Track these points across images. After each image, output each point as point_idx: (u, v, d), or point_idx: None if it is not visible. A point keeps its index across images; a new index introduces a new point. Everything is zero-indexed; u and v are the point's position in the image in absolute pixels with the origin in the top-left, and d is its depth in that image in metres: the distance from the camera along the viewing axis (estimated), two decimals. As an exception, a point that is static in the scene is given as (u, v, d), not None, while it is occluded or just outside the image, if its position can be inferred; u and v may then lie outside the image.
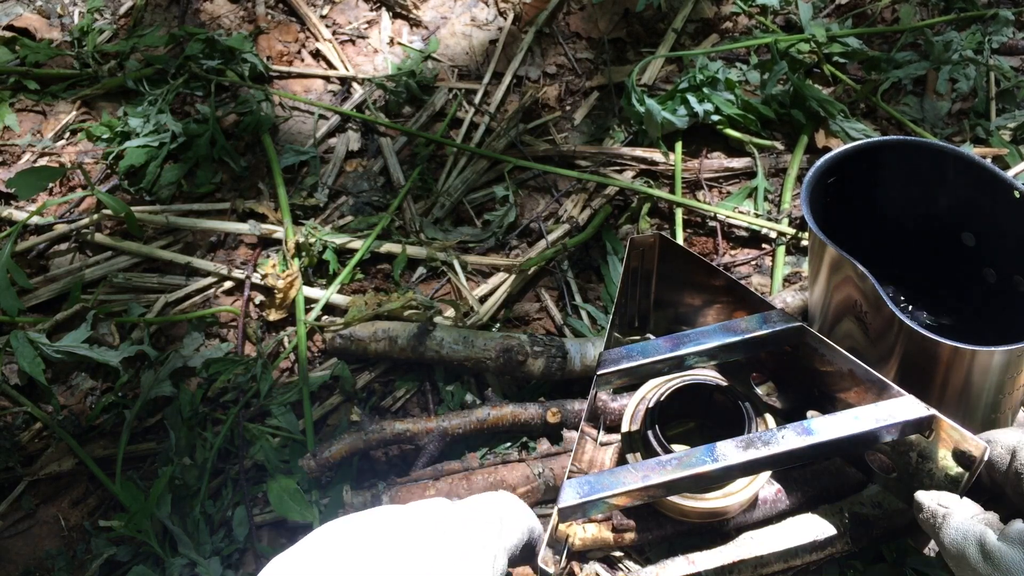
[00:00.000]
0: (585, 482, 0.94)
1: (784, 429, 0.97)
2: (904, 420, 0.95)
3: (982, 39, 1.62)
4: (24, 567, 1.18)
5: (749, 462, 0.96)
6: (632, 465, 0.96)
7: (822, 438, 0.95)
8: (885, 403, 0.97)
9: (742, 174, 1.52)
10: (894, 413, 0.95)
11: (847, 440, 0.96)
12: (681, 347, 1.04)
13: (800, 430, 0.96)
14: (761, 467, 0.98)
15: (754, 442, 0.96)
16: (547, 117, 1.62)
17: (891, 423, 0.95)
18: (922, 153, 1.14)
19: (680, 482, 0.95)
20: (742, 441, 0.96)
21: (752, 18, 1.72)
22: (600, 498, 0.94)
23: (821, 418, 0.97)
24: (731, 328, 1.06)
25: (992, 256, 1.16)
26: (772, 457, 0.96)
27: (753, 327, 1.05)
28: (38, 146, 1.63)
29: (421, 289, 1.40)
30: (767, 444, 0.96)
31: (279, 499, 1.16)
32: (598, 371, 1.04)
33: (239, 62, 1.67)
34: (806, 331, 1.04)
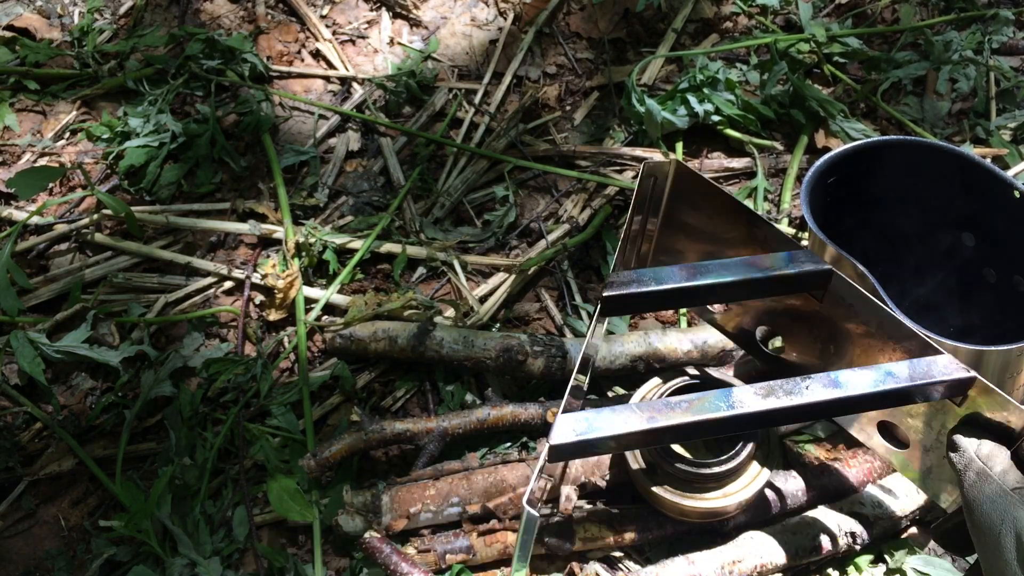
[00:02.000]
0: (583, 418, 0.86)
1: (810, 379, 0.89)
2: (941, 379, 0.87)
3: (982, 39, 1.62)
4: (24, 567, 1.18)
5: (768, 412, 0.87)
6: (636, 404, 0.88)
7: (850, 392, 0.88)
8: (921, 360, 0.89)
9: (742, 174, 1.52)
10: (931, 371, 0.88)
11: (876, 396, 0.88)
12: (698, 277, 0.95)
13: (827, 381, 0.88)
14: (781, 419, 0.90)
15: (775, 390, 0.88)
16: (547, 117, 1.62)
17: (927, 382, 0.87)
18: (922, 153, 1.14)
19: (689, 427, 0.87)
20: (762, 388, 0.88)
21: (752, 18, 1.72)
22: (598, 438, 0.86)
23: (851, 371, 0.89)
24: (754, 264, 0.96)
25: (992, 256, 1.16)
26: (794, 408, 0.88)
27: (779, 264, 0.96)
28: (38, 146, 1.63)
29: (421, 289, 1.40)
30: (789, 394, 0.88)
31: (279, 499, 1.16)
32: (604, 292, 0.94)
33: (239, 62, 1.67)
34: (836, 275, 0.96)
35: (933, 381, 0.88)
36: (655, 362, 1.23)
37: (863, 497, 1.10)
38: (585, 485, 1.13)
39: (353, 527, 1.10)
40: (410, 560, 1.08)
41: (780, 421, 0.94)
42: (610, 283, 0.95)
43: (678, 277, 0.96)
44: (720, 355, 1.23)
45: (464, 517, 1.12)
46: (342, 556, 1.15)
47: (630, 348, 1.23)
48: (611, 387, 1.26)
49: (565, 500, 1.11)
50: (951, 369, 0.88)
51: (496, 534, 1.10)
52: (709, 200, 1.02)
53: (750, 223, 1.00)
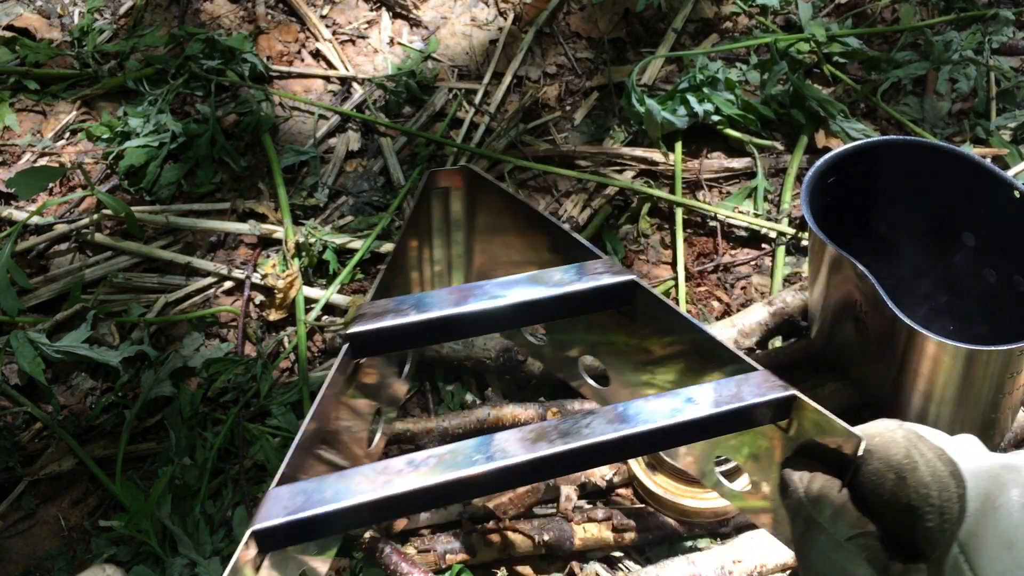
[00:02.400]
0: (300, 491, 0.65)
1: (592, 415, 0.70)
2: (753, 402, 0.71)
3: (982, 39, 1.62)
4: (24, 567, 1.18)
5: (540, 460, 0.67)
6: (372, 465, 0.67)
7: (641, 427, 0.69)
8: (728, 380, 0.73)
9: (742, 174, 1.52)
10: (741, 393, 0.71)
11: (675, 429, 0.70)
12: (471, 301, 0.76)
13: (613, 416, 0.69)
14: (561, 467, 0.70)
15: (548, 433, 0.68)
16: (547, 117, 1.62)
17: (736, 406, 0.70)
18: (922, 153, 1.14)
19: (437, 491, 0.65)
20: (532, 431, 0.68)
21: (752, 18, 1.73)
22: (318, 516, 0.63)
23: (643, 400, 0.71)
24: (540, 279, 0.78)
25: (992, 256, 1.16)
26: (574, 453, 0.68)
27: (569, 279, 0.78)
28: (38, 146, 1.63)
29: (421, 289, 1.40)
30: (566, 436, 0.68)
31: (279, 499, 1.15)
32: (350, 329, 0.74)
33: (239, 62, 1.67)
34: (638, 286, 0.80)
35: (743, 405, 0.71)
36: (655, 362, 1.23)
37: (863, 497, 1.10)
38: (585, 485, 1.14)
39: (353, 527, 1.10)
40: (410, 560, 1.08)
41: (560, 470, 0.74)
42: (360, 316, 0.75)
43: (447, 302, 0.76)
44: (720, 355, 1.23)
45: (464, 517, 1.12)
46: (342, 556, 1.15)
47: (630, 348, 1.23)
48: (611, 387, 1.26)
49: (565, 500, 1.11)
50: (764, 388, 0.72)
51: (496, 534, 1.10)
52: (508, 210, 0.87)
53: (548, 233, 0.85)
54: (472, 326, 0.78)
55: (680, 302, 1.35)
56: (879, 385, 1.12)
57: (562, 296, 0.78)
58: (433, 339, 0.81)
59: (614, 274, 0.79)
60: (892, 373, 1.07)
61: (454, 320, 0.76)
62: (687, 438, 0.74)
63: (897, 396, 1.09)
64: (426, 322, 0.75)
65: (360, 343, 0.74)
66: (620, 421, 0.69)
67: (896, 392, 1.09)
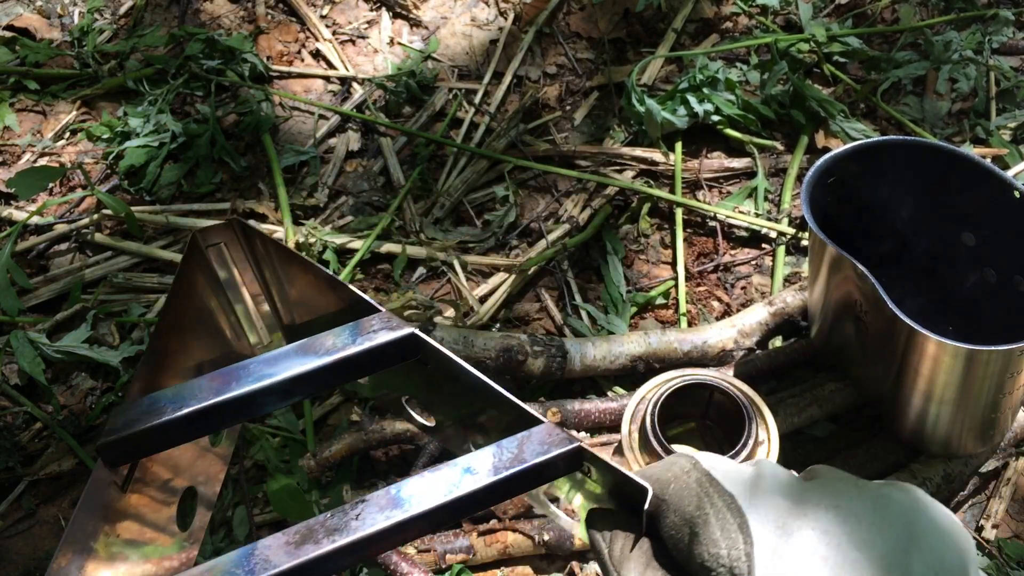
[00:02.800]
0: None
1: (362, 504, 0.66)
2: (534, 463, 0.67)
3: (982, 39, 1.62)
4: (24, 567, 1.18)
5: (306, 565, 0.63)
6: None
7: (416, 510, 0.65)
8: (509, 440, 0.69)
9: (742, 174, 1.52)
10: (523, 454, 0.67)
11: (456, 505, 0.66)
12: (233, 386, 0.72)
13: (385, 502, 0.65)
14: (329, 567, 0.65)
15: (315, 532, 0.64)
16: (547, 117, 1.62)
17: (516, 470, 0.66)
18: (922, 153, 1.14)
19: None
20: (298, 534, 0.64)
21: (752, 18, 1.73)
22: None
23: (417, 478, 0.67)
24: (311, 348, 0.74)
25: (992, 256, 1.16)
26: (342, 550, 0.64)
27: (343, 343, 0.74)
28: (38, 146, 1.63)
29: (421, 289, 1.40)
30: (334, 533, 0.64)
31: (279, 499, 1.16)
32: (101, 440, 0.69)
33: (239, 62, 1.67)
34: (420, 340, 0.74)
35: (525, 467, 0.66)
36: (655, 362, 1.23)
37: (863, 497, 1.10)
38: (585, 485, 1.13)
39: (353, 527, 1.10)
40: (410, 560, 1.08)
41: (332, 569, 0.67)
42: (110, 428, 0.70)
43: (207, 391, 0.72)
44: (720, 355, 1.23)
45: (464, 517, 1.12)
46: (342, 556, 1.15)
47: (630, 348, 1.23)
48: (611, 387, 1.26)
49: (565, 500, 1.11)
50: (547, 445, 0.67)
51: (496, 534, 1.10)
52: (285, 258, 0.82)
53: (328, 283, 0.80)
54: (239, 411, 0.73)
55: (680, 302, 1.35)
56: (879, 385, 1.12)
57: (337, 362, 0.72)
58: (197, 433, 0.75)
59: (391, 330, 0.73)
60: (892, 373, 1.07)
61: (218, 408, 0.71)
62: (468, 510, 0.69)
63: (897, 396, 1.09)
64: (185, 417, 0.70)
65: (114, 453, 0.70)
66: (393, 506, 0.65)
67: (896, 392, 1.09)
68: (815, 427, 1.21)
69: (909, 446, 1.14)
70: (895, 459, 1.14)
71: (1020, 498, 1.16)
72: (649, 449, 1.08)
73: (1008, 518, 1.15)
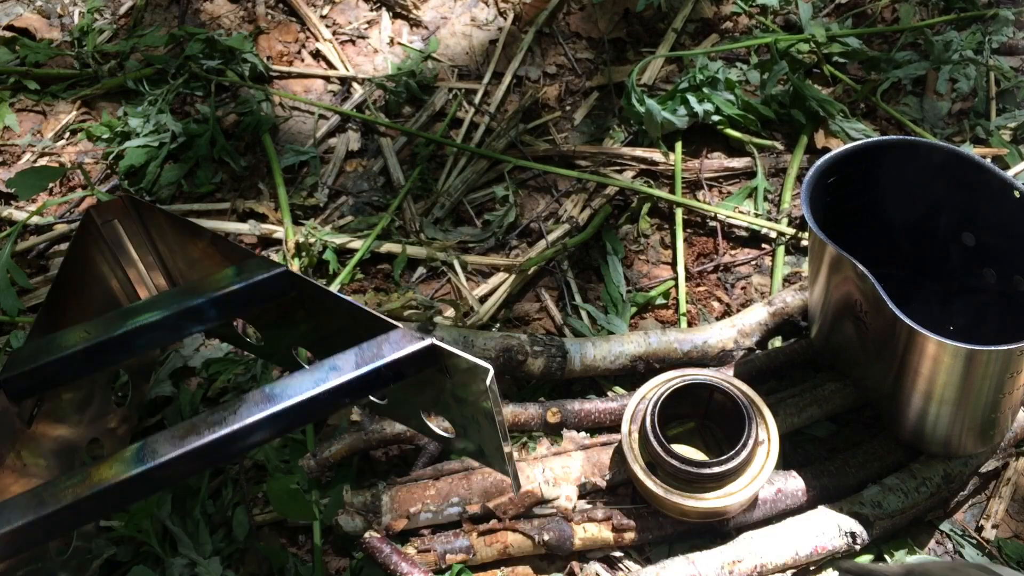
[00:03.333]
0: None
1: (240, 401, 0.77)
2: (392, 358, 0.80)
3: (982, 39, 1.62)
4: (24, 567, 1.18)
5: (192, 452, 0.73)
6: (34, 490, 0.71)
7: (288, 401, 0.77)
8: (370, 343, 0.81)
9: (742, 174, 1.52)
10: (382, 351, 0.80)
11: (325, 396, 0.78)
12: (121, 325, 0.81)
13: (260, 397, 0.77)
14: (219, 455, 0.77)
15: (198, 426, 0.74)
16: (547, 117, 1.62)
17: (376, 365, 0.79)
18: (922, 153, 1.14)
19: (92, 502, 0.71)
20: (182, 427, 0.75)
21: (752, 18, 1.73)
22: None
23: (288, 377, 0.79)
24: (194, 291, 0.85)
25: (992, 256, 1.16)
26: (227, 439, 0.74)
27: (226, 282, 0.86)
28: (38, 146, 1.63)
29: (421, 289, 1.40)
30: (215, 426, 0.74)
31: (279, 499, 1.15)
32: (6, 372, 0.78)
33: (239, 62, 1.67)
34: (293, 276, 0.89)
35: (384, 362, 0.80)
36: (655, 362, 1.23)
37: (863, 497, 1.10)
38: (585, 485, 1.14)
39: (353, 527, 1.10)
40: (410, 560, 1.08)
41: (216, 458, 0.78)
42: (10, 362, 0.78)
43: (101, 328, 0.81)
44: (720, 355, 1.23)
45: (464, 517, 1.12)
46: (342, 556, 1.15)
47: (630, 348, 1.23)
48: (611, 387, 1.26)
49: (565, 500, 1.11)
50: (403, 343, 0.80)
51: (496, 534, 1.10)
52: (175, 226, 0.93)
53: (211, 242, 0.91)
54: (132, 345, 0.81)
55: (680, 302, 1.35)
56: (879, 385, 1.12)
57: (218, 298, 0.85)
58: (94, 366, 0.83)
59: (268, 269, 0.86)
60: (892, 373, 1.07)
61: (112, 343, 0.80)
62: (336, 403, 0.81)
63: (897, 396, 1.09)
64: (83, 351, 0.79)
65: (15, 387, 0.78)
66: (266, 401, 0.75)
67: (896, 392, 1.09)
68: (815, 427, 1.21)
69: (909, 446, 1.14)
70: (895, 459, 1.15)
71: (1020, 498, 1.16)
72: (649, 449, 1.08)
73: (1008, 518, 1.15)
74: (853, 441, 1.20)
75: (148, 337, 0.83)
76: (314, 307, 0.89)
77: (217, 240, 0.91)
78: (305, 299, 0.89)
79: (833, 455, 1.17)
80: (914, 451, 1.14)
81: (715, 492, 1.06)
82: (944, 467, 1.12)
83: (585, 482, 1.13)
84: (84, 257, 0.92)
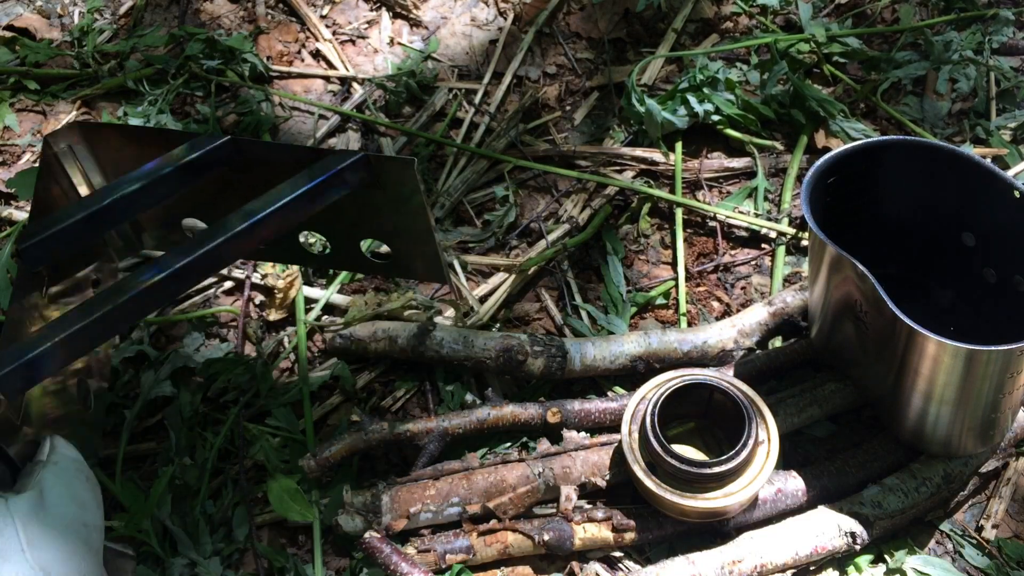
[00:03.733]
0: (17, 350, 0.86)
1: (228, 218, 0.96)
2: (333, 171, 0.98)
3: (982, 39, 1.62)
4: (24, 567, 1.18)
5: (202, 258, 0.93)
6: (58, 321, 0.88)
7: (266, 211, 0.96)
8: (315, 166, 1.00)
9: (742, 174, 1.52)
10: (325, 167, 0.99)
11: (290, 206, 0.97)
12: (108, 196, 0.99)
13: (241, 214, 0.96)
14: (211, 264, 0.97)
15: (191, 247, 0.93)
16: (547, 117, 1.62)
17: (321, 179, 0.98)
18: (922, 153, 1.14)
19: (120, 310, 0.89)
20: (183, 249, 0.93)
21: (752, 18, 1.73)
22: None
23: (256, 200, 0.98)
24: (161, 164, 1.02)
25: (992, 256, 1.16)
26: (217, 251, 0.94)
27: (181, 155, 1.03)
28: (38, 146, 1.63)
29: (421, 289, 1.40)
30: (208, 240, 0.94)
31: (279, 499, 1.16)
32: (21, 245, 0.96)
33: (239, 62, 1.67)
34: (238, 141, 1.05)
35: (327, 175, 0.99)
36: (655, 362, 1.23)
37: (863, 497, 1.10)
38: (585, 485, 1.14)
39: (353, 527, 1.10)
40: (410, 560, 1.08)
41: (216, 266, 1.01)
42: (27, 234, 0.95)
43: (91, 201, 0.99)
44: (720, 355, 1.23)
45: (464, 517, 1.12)
46: (342, 556, 1.15)
47: (630, 348, 1.23)
48: (611, 387, 1.26)
49: (565, 500, 1.11)
50: (341, 159, 1.00)
51: (496, 534, 1.10)
52: (135, 144, 1.09)
53: (170, 141, 1.06)
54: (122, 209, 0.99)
55: (680, 302, 1.35)
56: (879, 385, 1.12)
57: (182, 167, 1.02)
58: (98, 229, 1.01)
59: (213, 140, 1.03)
60: (892, 373, 1.07)
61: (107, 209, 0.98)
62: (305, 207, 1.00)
63: (897, 396, 1.09)
64: (86, 217, 0.96)
65: (31, 255, 0.95)
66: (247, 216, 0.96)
67: (896, 392, 1.09)
68: (815, 427, 1.21)
69: (909, 446, 1.14)
70: (895, 459, 1.15)
71: (1020, 498, 1.16)
72: (649, 449, 1.08)
73: (1008, 518, 1.15)
74: (853, 441, 1.20)
75: (131, 202, 1.01)
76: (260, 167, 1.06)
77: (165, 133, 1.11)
78: (252, 160, 1.07)
79: (833, 455, 1.17)
80: (914, 451, 1.14)
81: (715, 492, 1.06)
82: (944, 467, 1.12)
83: (585, 482, 1.13)
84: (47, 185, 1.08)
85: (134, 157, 1.07)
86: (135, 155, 1.07)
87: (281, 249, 1.20)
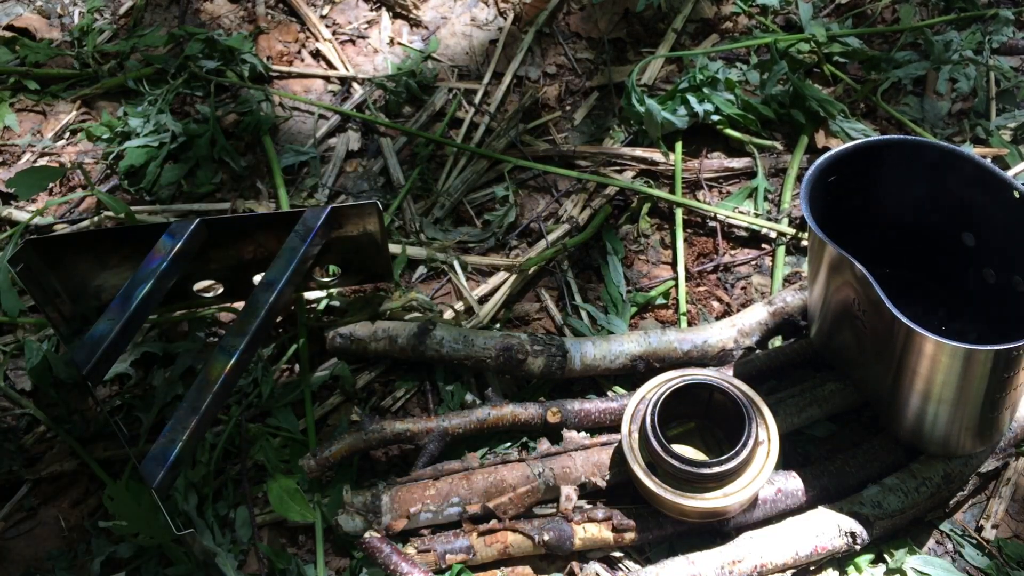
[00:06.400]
0: None
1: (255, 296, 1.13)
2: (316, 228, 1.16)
3: (982, 39, 1.62)
4: (25, 567, 1.18)
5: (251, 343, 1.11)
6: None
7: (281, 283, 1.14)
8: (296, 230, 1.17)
9: (742, 174, 1.52)
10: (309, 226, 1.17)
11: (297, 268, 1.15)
12: (132, 300, 1.12)
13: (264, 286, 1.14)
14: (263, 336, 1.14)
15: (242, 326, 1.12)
16: (547, 117, 1.62)
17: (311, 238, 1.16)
18: (922, 153, 1.14)
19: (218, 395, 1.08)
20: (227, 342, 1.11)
21: (752, 18, 1.73)
22: None
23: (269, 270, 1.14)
24: (149, 261, 1.15)
25: (992, 256, 1.16)
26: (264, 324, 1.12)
27: (168, 246, 1.16)
28: (38, 146, 1.63)
29: (421, 289, 1.40)
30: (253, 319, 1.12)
31: (279, 499, 1.16)
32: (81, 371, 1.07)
33: (239, 62, 1.67)
34: (207, 222, 1.19)
35: (315, 231, 1.17)
36: (655, 362, 1.23)
37: (863, 497, 1.10)
38: (585, 485, 1.14)
39: (353, 527, 1.11)
40: (410, 560, 1.08)
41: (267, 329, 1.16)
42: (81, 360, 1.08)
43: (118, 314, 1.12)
44: (720, 355, 1.23)
45: (464, 517, 1.12)
46: (342, 556, 1.15)
47: (630, 348, 1.23)
48: (611, 387, 1.26)
49: (565, 500, 1.11)
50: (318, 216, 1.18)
51: (496, 534, 1.10)
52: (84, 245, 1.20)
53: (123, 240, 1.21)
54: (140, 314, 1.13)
55: (680, 302, 1.35)
56: (878, 385, 1.12)
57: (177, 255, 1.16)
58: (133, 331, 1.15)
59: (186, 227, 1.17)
60: (891, 373, 1.07)
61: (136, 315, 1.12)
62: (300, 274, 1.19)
63: (896, 396, 1.09)
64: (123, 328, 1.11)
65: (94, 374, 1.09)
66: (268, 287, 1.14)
67: (895, 392, 1.09)
68: (815, 427, 1.21)
69: (908, 446, 1.14)
70: (895, 459, 1.15)
71: (1020, 498, 1.16)
72: (649, 449, 1.08)
73: (1008, 518, 1.15)
74: (853, 441, 1.20)
75: (149, 302, 1.14)
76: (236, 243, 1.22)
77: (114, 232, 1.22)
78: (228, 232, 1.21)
79: (833, 455, 1.17)
80: (914, 451, 1.14)
81: (715, 492, 1.06)
82: (944, 467, 1.12)
83: (585, 482, 1.13)
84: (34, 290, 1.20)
85: (88, 264, 1.22)
86: (89, 263, 1.22)
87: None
